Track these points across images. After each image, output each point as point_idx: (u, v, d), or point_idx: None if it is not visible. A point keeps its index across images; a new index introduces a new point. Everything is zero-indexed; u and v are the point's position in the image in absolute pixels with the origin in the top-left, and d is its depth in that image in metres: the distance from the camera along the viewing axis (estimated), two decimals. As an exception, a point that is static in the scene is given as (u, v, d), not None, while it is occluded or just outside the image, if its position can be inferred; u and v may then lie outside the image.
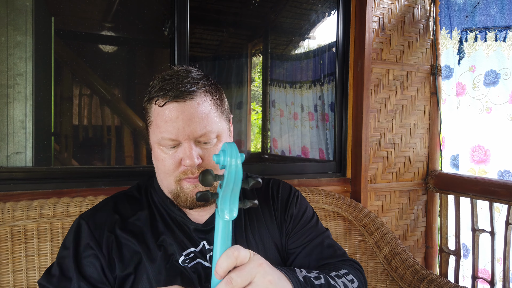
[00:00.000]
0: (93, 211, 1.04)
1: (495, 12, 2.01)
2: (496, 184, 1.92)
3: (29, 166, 1.68)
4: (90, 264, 0.96)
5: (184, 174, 0.96)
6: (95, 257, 0.96)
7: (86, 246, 0.97)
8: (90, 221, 1.00)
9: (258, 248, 1.06)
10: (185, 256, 0.99)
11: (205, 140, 0.96)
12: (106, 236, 0.98)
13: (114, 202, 1.06)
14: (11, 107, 1.66)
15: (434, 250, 2.30)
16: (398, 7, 2.16)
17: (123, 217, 1.02)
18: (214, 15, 3.33)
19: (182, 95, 0.93)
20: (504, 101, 1.99)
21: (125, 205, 1.05)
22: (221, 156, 0.73)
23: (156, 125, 0.95)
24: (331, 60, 2.36)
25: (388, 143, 2.18)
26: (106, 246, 0.97)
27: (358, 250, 1.79)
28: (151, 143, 1.00)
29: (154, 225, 1.02)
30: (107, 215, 1.02)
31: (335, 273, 0.97)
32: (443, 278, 1.53)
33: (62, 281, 0.94)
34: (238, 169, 0.72)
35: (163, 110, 0.93)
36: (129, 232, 1.00)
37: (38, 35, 1.83)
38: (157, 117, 0.95)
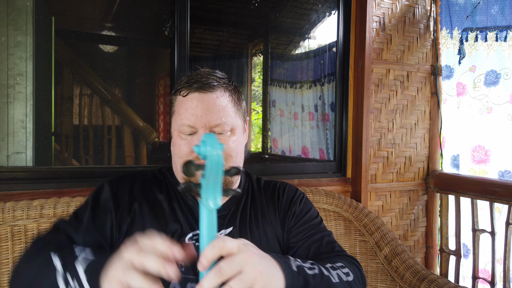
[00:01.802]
0: (118, 177, 1.14)
1: (495, 12, 2.01)
2: (496, 184, 1.92)
3: (30, 166, 1.68)
4: (102, 217, 1.05)
5: (197, 159, 1.00)
6: (110, 213, 1.05)
7: (104, 200, 1.07)
8: (113, 183, 1.11)
9: (260, 239, 1.12)
10: (193, 235, 1.06)
11: (220, 131, 1.03)
12: (124, 199, 1.07)
13: (140, 175, 1.16)
14: (11, 107, 1.66)
15: (435, 250, 2.30)
16: (398, 7, 2.16)
17: (144, 190, 1.11)
18: (215, 15, 3.33)
19: (204, 87, 1.03)
20: (505, 101, 1.99)
21: (149, 181, 1.15)
22: (202, 147, 0.76)
23: (178, 113, 1.05)
24: (332, 60, 2.36)
25: (388, 143, 2.18)
26: (122, 207, 1.06)
27: (359, 250, 1.79)
28: (172, 131, 1.09)
29: (170, 203, 1.10)
30: (130, 183, 1.12)
31: (330, 264, 0.99)
32: (444, 278, 1.53)
33: (73, 225, 1.04)
34: (219, 159, 0.75)
35: (185, 100, 1.04)
36: (147, 202, 1.09)
37: (39, 35, 1.83)
38: (179, 106, 1.05)
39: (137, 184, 1.12)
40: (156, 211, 1.08)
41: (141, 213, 1.06)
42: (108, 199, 1.07)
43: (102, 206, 1.06)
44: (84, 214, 1.05)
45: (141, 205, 1.08)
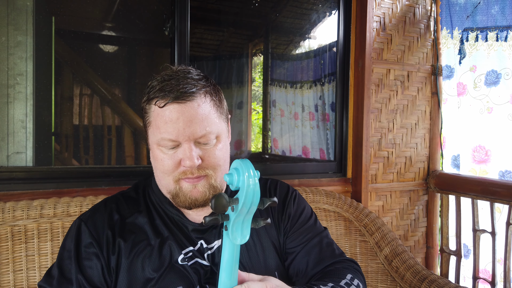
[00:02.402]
0: (92, 212, 1.04)
1: (496, 12, 2.00)
2: (497, 184, 1.92)
3: (30, 166, 1.68)
4: (90, 265, 0.96)
5: (184, 175, 0.96)
6: (96, 257, 0.97)
7: (86, 246, 0.97)
8: (90, 222, 1.00)
9: (256, 248, 1.06)
10: (184, 255, 0.99)
11: (205, 141, 0.95)
12: (106, 236, 0.98)
13: (112, 203, 1.06)
14: (11, 107, 1.66)
15: (435, 250, 2.30)
16: (399, 7, 2.16)
17: (122, 217, 1.02)
18: (215, 15, 3.33)
19: (182, 96, 0.92)
20: (505, 101, 1.99)
21: (124, 205, 1.05)
22: (235, 175, 0.67)
23: (156, 126, 0.95)
24: (332, 60, 2.35)
25: (389, 143, 2.17)
26: (107, 246, 0.98)
27: (359, 250, 1.79)
28: (150, 143, 1.00)
29: (152, 224, 1.02)
30: (106, 215, 1.02)
31: (344, 281, 0.99)
32: (444, 278, 1.53)
33: (63, 282, 0.94)
34: (256, 191, 0.65)
35: (163, 111, 0.93)
36: (128, 231, 1.00)
37: (39, 35, 1.83)
38: (156, 118, 0.94)
39: (113, 214, 1.02)
40: (140, 239, 1.00)
41: (126, 247, 0.98)
42: (90, 243, 0.97)
43: (87, 253, 0.97)
44: (70, 270, 0.95)
45: (125, 238, 0.99)
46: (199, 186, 0.97)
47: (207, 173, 0.97)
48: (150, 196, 1.07)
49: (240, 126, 3.57)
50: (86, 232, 0.99)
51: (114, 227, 1.00)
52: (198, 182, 0.97)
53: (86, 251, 0.97)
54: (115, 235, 0.99)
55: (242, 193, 0.66)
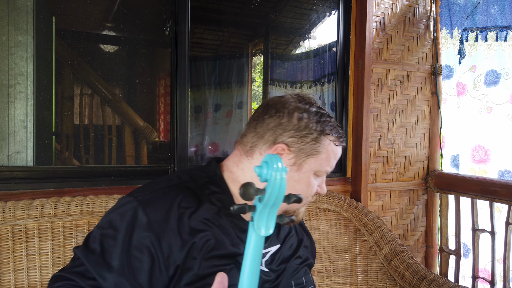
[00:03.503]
0: (152, 196, 0.94)
1: (495, 12, 2.01)
2: (496, 184, 1.92)
3: (30, 165, 1.68)
4: (140, 259, 0.88)
5: (312, 198, 1.07)
6: (149, 252, 0.88)
7: (141, 237, 0.89)
8: (150, 210, 0.91)
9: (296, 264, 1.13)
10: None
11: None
12: (171, 230, 0.90)
13: (175, 192, 0.97)
14: (12, 107, 1.67)
15: (434, 249, 2.30)
16: (398, 7, 2.17)
17: (187, 209, 0.94)
18: (215, 15, 3.33)
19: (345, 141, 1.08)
20: (505, 101, 1.99)
21: (187, 197, 0.96)
22: (264, 169, 0.69)
23: (327, 159, 1.02)
24: (332, 60, 2.36)
25: (388, 143, 2.18)
26: (169, 241, 0.90)
27: (359, 250, 1.79)
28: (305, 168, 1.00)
29: (218, 222, 0.97)
30: (168, 204, 0.93)
31: None
32: (443, 277, 1.54)
33: (101, 264, 0.88)
34: (282, 184, 0.68)
35: (336, 149, 1.04)
36: (197, 224, 0.94)
37: (39, 34, 1.84)
38: (330, 153, 1.02)
39: (178, 204, 0.93)
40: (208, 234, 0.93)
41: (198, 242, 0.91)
42: (147, 236, 0.88)
43: (140, 244, 0.88)
44: (112, 254, 0.87)
45: (193, 232, 0.92)
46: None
47: None
48: (216, 193, 1.01)
49: (240, 126, 3.57)
50: (143, 221, 0.89)
51: (183, 219, 0.92)
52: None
53: (140, 242, 0.88)
54: (182, 232, 0.91)
55: (269, 185, 0.68)
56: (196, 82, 3.47)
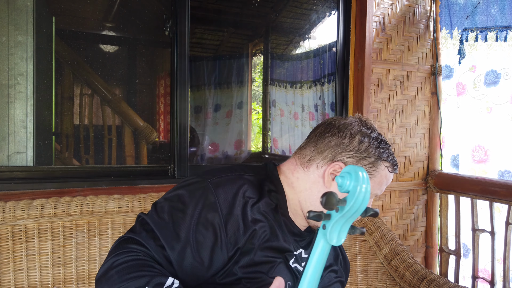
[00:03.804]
0: (223, 180, 1.00)
1: (495, 12, 2.01)
2: (496, 184, 1.92)
3: (30, 165, 1.68)
4: (205, 235, 0.93)
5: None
6: (214, 231, 0.93)
7: (209, 215, 0.93)
8: (220, 192, 0.96)
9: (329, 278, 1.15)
10: (294, 257, 1.05)
11: None
12: (234, 215, 0.95)
13: (242, 181, 1.02)
14: (12, 107, 1.67)
15: (434, 249, 2.30)
16: (398, 7, 2.17)
17: (251, 199, 1.00)
18: (215, 15, 3.33)
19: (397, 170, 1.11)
20: (505, 101, 1.99)
21: (251, 189, 1.02)
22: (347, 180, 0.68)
23: (380, 183, 1.07)
24: (332, 60, 2.36)
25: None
26: (235, 224, 0.95)
27: (358, 250, 1.79)
28: None
29: (271, 217, 1.02)
30: (236, 192, 0.98)
31: None
32: (443, 277, 1.54)
33: (171, 233, 0.91)
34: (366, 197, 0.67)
35: (389, 175, 1.08)
36: (258, 214, 0.99)
37: (39, 35, 1.84)
38: (383, 178, 1.07)
39: (245, 192, 0.99)
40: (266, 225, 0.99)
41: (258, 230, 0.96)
42: (215, 215, 0.93)
43: (207, 221, 0.93)
44: (180, 226, 0.92)
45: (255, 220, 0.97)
46: None
47: None
48: (273, 192, 1.06)
49: (240, 126, 3.58)
50: (212, 201, 0.95)
51: (246, 207, 0.97)
52: None
53: (207, 219, 0.93)
54: (245, 216, 0.96)
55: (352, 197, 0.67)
56: (196, 82, 3.47)
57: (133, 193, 1.57)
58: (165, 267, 0.90)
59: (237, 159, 3.43)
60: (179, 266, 0.90)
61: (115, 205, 1.47)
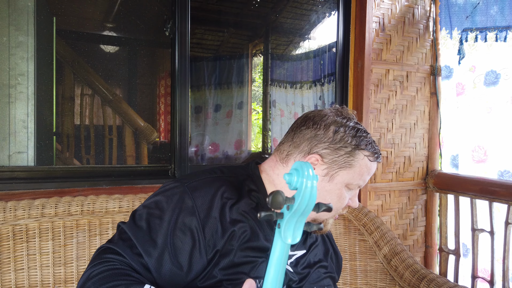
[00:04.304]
0: (200, 183, 0.99)
1: (495, 12, 2.01)
2: (495, 184, 1.93)
3: (31, 165, 1.69)
4: (182, 239, 0.92)
5: (342, 211, 1.08)
6: (192, 235, 0.93)
7: (186, 220, 0.93)
8: (197, 196, 0.96)
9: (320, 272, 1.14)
10: None
11: None
12: (215, 217, 0.95)
13: (220, 182, 1.02)
14: (13, 107, 1.67)
15: (434, 249, 2.31)
16: (398, 7, 2.17)
17: (230, 200, 0.99)
18: (215, 15, 3.34)
19: (380, 158, 1.10)
20: (505, 101, 2.00)
21: (229, 189, 1.01)
22: (294, 176, 0.68)
23: (360, 173, 1.05)
24: (331, 60, 2.36)
25: (388, 143, 2.18)
26: (212, 228, 0.94)
27: (358, 250, 1.80)
28: (337, 180, 1.04)
29: (253, 215, 1.01)
30: (215, 193, 0.98)
31: None
32: (443, 277, 1.54)
33: (148, 241, 0.91)
34: (312, 193, 0.67)
35: (370, 165, 1.07)
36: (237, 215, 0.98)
37: (40, 35, 1.84)
38: (363, 167, 1.05)
39: (223, 194, 0.98)
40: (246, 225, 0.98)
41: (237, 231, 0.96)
42: (191, 219, 0.93)
43: (184, 226, 0.92)
44: (158, 232, 0.91)
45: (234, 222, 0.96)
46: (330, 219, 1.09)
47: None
48: (254, 191, 1.06)
49: (240, 126, 3.58)
50: (189, 205, 0.94)
51: (225, 208, 0.97)
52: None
53: (185, 223, 0.93)
54: (223, 219, 0.95)
55: (299, 194, 0.67)
56: (196, 83, 3.48)
57: (134, 193, 1.57)
58: (143, 275, 0.89)
59: (237, 159, 3.44)
60: (157, 272, 0.90)
61: (115, 205, 1.48)
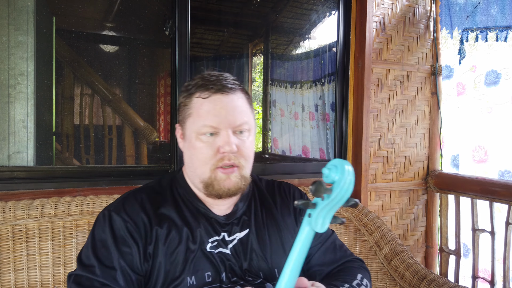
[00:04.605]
0: (120, 203, 1.06)
1: (495, 12, 2.01)
2: (496, 184, 1.92)
3: (31, 165, 1.68)
4: (129, 252, 0.99)
5: (221, 161, 1.01)
6: (133, 244, 0.99)
7: (123, 233, 1.00)
8: (122, 212, 1.02)
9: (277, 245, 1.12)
10: (211, 243, 1.05)
11: (241, 129, 1.03)
12: (142, 223, 1.02)
13: (140, 194, 1.09)
14: (12, 107, 1.67)
15: (434, 249, 2.30)
16: (398, 7, 2.17)
17: (154, 207, 1.06)
18: (215, 15, 3.33)
19: (225, 88, 1.03)
20: (505, 101, 1.99)
21: (151, 197, 1.08)
22: (333, 172, 0.75)
23: (198, 115, 1.02)
24: (332, 60, 2.36)
25: (388, 143, 2.18)
26: (144, 234, 1.01)
27: (359, 250, 1.79)
28: (188, 134, 1.05)
29: (181, 215, 1.06)
30: (137, 205, 1.05)
31: (356, 281, 1.10)
32: (443, 277, 1.54)
33: (105, 270, 0.96)
34: (350, 187, 0.74)
35: (206, 101, 1.02)
36: (162, 219, 1.04)
37: (40, 35, 1.84)
38: (199, 108, 1.02)
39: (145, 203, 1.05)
40: (172, 227, 1.04)
41: (162, 233, 1.02)
42: (126, 231, 1.00)
43: (124, 240, 0.99)
44: (110, 258, 0.97)
45: (160, 225, 1.03)
46: (232, 176, 1.02)
47: (240, 163, 1.03)
48: (178, 190, 1.12)
49: (240, 126, 3.58)
50: (119, 221, 1.01)
51: (149, 215, 1.03)
52: (232, 173, 1.02)
53: (123, 237, 0.99)
54: (151, 222, 1.02)
55: (338, 185, 0.74)
56: (196, 82, 3.46)
57: (134, 193, 1.57)
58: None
59: (237, 159, 3.42)
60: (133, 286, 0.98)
61: (115, 205, 1.47)
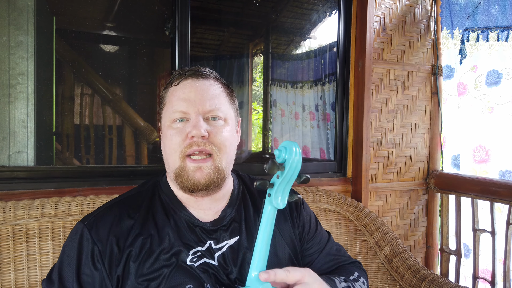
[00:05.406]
0: (96, 218, 1.01)
1: (496, 12, 2.01)
2: (497, 184, 1.92)
3: (31, 165, 1.68)
4: (90, 274, 0.96)
5: (189, 147, 0.97)
6: (96, 267, 0.96)
7: (88, 255, 0.97)
8: (93, 230, 0.98)
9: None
10: (192, 256, 0.99)
11: (213, 116, 1.00)
12: (110, 247, 0.97)
13: (117, 207, 1.04)
14: (12, 107, 1.67)
15: (435, 250, 2.30)
16: (399, 7, 2.16)
17: (129, 221, 1.01)
18: (215, 15, 3.33)
19: (197, 74, 1.02)
20: (506, 101, 1.99)
21: (130, 208, 1.03)
22: (283, 153, 0.85)
23: (170, 102, 1.01)
24: (332, 60, 2.36)
25: (389, 143, 2.18)
26: (109, 258, 0.96)
27: (359, 250, 1.79)
28: (162, 126, 1.04)
29: (160, 227, 1.01)
30: (110, 223, 1.00)
31: (352, 277, 1.13)
32: (444, 278, 1.54)
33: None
34: (299, 162, 0.84)
35: (177, 88, 1.01)
36: (136, 235, 0.99)
37: (40, 34, 1.84)
38: (171, 96, 1.02)
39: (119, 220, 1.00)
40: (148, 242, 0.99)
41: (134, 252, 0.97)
42: (92, 253, 0.96)
43: (87, 262, 0.96)
44: (68, 278, 0.96)
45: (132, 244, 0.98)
46: (204, 167, 0.97)
47: (213, 150, 0.98)
48: (161, 197, 1.07)
49: (241, 126, 3.58)
50: (89, 241, 0.97)
51: (120, 235, 0.98)
52: (204, 163, 0.97)
53: (88, 259, 0.96)
54: (120, 244, 0.97)
55: (288, 163, 0.84)
56: (196, 82, 3.46)
57: (134, 193, 1.56)
58: None
59: (237, 159, 3.42)
60: None
61: (115, 205, 1.47)
